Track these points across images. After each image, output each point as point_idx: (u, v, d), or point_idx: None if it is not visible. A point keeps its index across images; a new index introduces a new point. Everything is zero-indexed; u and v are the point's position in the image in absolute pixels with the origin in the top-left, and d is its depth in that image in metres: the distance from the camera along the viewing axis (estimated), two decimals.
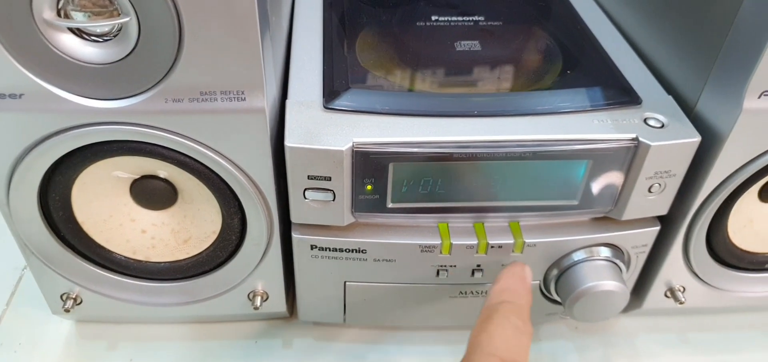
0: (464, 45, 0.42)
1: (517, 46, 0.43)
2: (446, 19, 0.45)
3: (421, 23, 0.45)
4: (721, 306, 0.47)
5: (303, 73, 0.40)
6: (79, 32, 0.30)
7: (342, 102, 0.37)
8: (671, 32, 0.41)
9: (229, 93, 0.32)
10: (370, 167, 0.36)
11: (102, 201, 0.39)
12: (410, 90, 0.39)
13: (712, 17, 0.36)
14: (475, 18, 0.45)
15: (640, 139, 0.36)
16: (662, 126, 0.37)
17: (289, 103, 0.37)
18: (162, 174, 0.38)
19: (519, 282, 0.35)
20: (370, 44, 0.43)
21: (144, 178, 0.38)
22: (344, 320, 0.45)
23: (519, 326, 0.31)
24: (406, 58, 0.41)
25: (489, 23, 0.45)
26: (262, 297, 0.43)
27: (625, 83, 0.40)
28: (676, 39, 0.41)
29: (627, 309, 0.48)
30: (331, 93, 0.37)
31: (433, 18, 0.45)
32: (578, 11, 0.48)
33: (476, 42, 0.43)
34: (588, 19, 0.47)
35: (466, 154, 0.36)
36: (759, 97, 0.34)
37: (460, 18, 0.45)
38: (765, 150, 0.36)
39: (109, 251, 0.41)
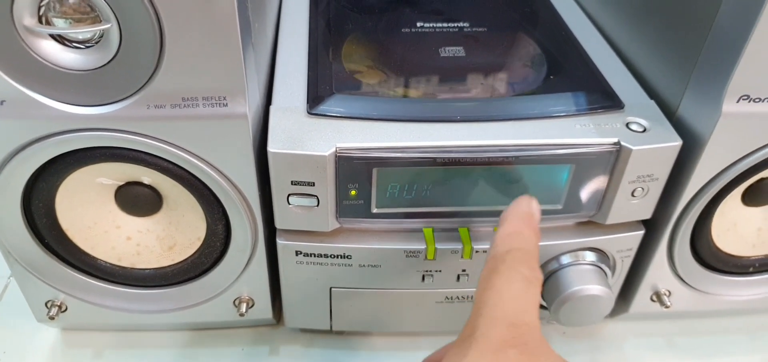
0: (449, 51, 0.42)
1: (501, 52, 0.44)
2: (431, 25, 0.45)
3: (407, 29, 0.45)
4: (707, 309, 0.47)
5: (287, 78, 0.40)
6: (60, 39, 0.30)
7: (326, 107, 0.37)
8: (653, 37, 0.42)
9: (211, 99, 0.32)
10: (353, 172, 0.36)
11: (86, 208, 0.39)
12: (394, 96, 0.39)
13: (691, 22, 0.37)
14: (460, 24, 0.46)
15: (622, 143, 0.36)
16: (644, 130, 0.37)
17: (272, 108, 0.37)
18: (146, 180, 0.38)
19: (526, 223, 0.32)
20: (355, 50, 0.43)
21: (128, 184, 0.38)
22: (331, 326, 0.45)
23: (527, 276, 0.29)
24: (391, 64, 0.42)
25: (474, 29, 0.45)
26: (247, 304, 0.43)
27: (608, 88, 0.40)
28: (657, 43, 0.41)
29: (614, 313, 0.48)
30: (315, 98, 0.38)
31: (418, 24, 0.45)
32: (563, 17, 0.49)
33: (460, 48, 0.43)
34: (573, 25, 0.48)
35: (449, 159, 0.36)
36: (738, 101, 0.34)
37: (445, 24, 0.45)
38: (745, 153, 0.37)
39: (94, 258, 0.41)
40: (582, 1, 0.52)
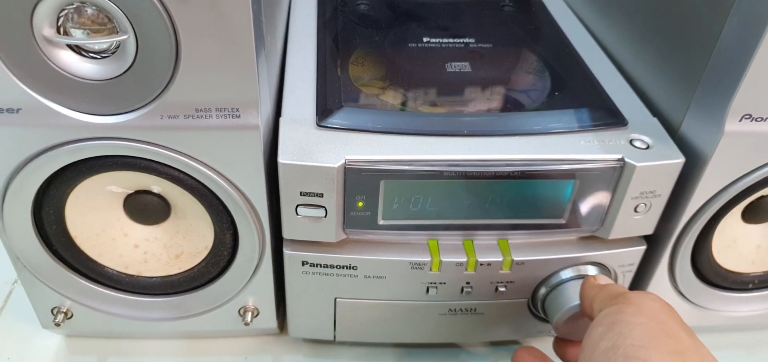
0: (455, 66, 0.43)
1: (507, 68, 0.44)
2: (438, 40, 0.46)
3: (413, 44, 0.46)
4: (706, 325, 0.47)
5: (297, 91, 0.41)
6: (77, 49, 0.30)
7: (335, 120, 0.38)
8: (657, 55, 0.43)
9: (224, 110, 0.33)
10: (361, 184, 0.36)
11: (95, 216, 0.39)
12: (402, 109, 0.40)
13: (694, 42, 0.38)
14: (466, 40, 0.46)
15: (626, 159, 0.37)
16: (647, 147, 0.38)
17: (282, 120, 0.38)
18: (155, 189, 0.38)
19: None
20: (362, 64, 0.44)
21: (137, 193, 0.39)
22: (334, 337, 0.46)
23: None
24: (398, 78, 0.42)
25: (479, 45, 0.46)
26: (252, 313, 0.44)
27: (612, 105, 0.41)
28: (661, 62, 0.42)
29: None
30: (324, 111, 0.38)
31: (425, 39, 0.46)
32: (567, 34, 0.49)
33: (467, 63, 0.44)
34: (576, 42, 0.48)
35: (455, 172, 0.36)
36: (740, 120, 0.35)
37: (451, 40, 0.46)
38: (746, 172, 0.37)
39: (101, 265, 0.41)
40: (586, 19, 0.53)
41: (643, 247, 0.42)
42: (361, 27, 0.48)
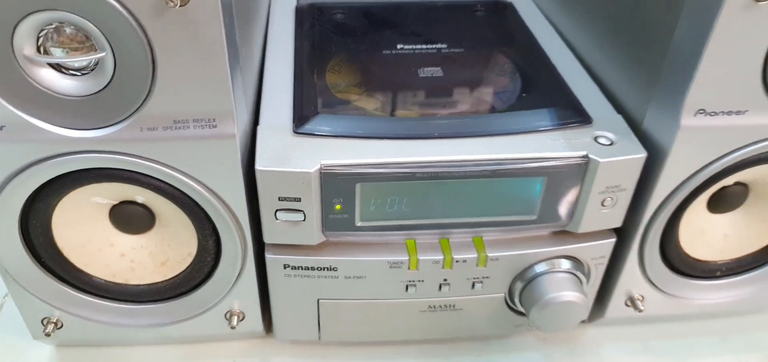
0: (427, 71, 0.45)
1: (477, 72, 0.46)
2: (411, 47, 0.48)
3: (387, 51, 0.47)
4: (680, 313, 0.49)
5: (274, 99, 0.42)
6: (58, 67, 0.32)
7: (311, 126, 0.39)
8: (620, 55, 0.44)
9: (201, 120, 0.34)
10: (338, 187, 0.38)
11: (82, 227, 0.41)
12: (376, 114, 0.41)
13: (652, 42, 0.39)
14: (438, 46, 0.48)
15: (590, 156, 0.38)
16: (611, 143, 0.39)
17: (260, 128, 0.39)
18: (139, 199, 0.40)
19: None
20: (338, 71, 0.45)
21: (122, 203, 0.40)
22: (319, 337, 0.47)
23: None
24: (373, 84, 0.44)
25: (451, 50, 0.47)
26: (238, 317, 0.45)
27: (578, 104, 0.42)
28: (624, 61, 0.44)
29: (591, 318, 0.50)
30: (300, 118, 0.40)
31: (399, 46, 0.48)
32: (537, 37, 0.51)
33: (438, 68, 0.45)
34: (546, 45, 0.50)
35: (427, 173, 0.38)
36: (695, 115, 0.37)
37: (423, 46, 0.48)
38: (705, 164, 0.39)
39: (88, 275, 0.43)
40: (556, 22, 0.55)
41: (613, 240, 0.44)
42: (337, 36, 0.50)
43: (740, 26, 0.33)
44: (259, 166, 0.36)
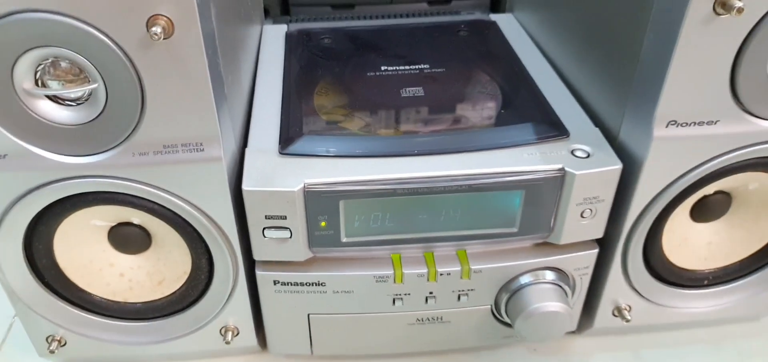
0: (409, 91, 0.46)
1: (458, 90, 0.47)
2: (394, 68, 0.49)
3: (372, 73, 0.49)
4: (668, 322, 0.49)
5: (262, 123, 0.44)
6: (54, 98, 0.34)
7: (296, 147, 0.41)
8: (597, 69, 0.46)
9: (189, 145, 0.36)
10: (322, 205, 0.39)
11: (82, 248, 0.43)
12: (359, 134, 0.43)
13: (624, 56, 0.40)
14: (421, 66, 0.50)
15: (566, 168, 0.39)
16: (588, 156, 0.41)
17: (248, 150, 0.41)
18: (136, 221, 0.42)
19: None
20: (324, 94, 0.47)
21: (120, 225, 0.42)
22: (312, 351, 0.48)
23: None
24: (357, 105, 0.46)
25: (433, 70, 0.49)
26: (233, 333, 0.46)
27: (556, 119, 0.44)
28: (600, 75, 0.45)
29: (580, 329, 0.51)
30: (286, 140, 0.42)
31: (383, 68, 0.50)
32: (519, 55, 0.53)
33: (420, 88, 0.47)
34: (527, 62, 0.51)
35: (407, 189, 0.39)
36: (667, 126, 0.38)
37: (406, 67, 0.49)
38: (680, 174, 0.40)
39: (90, 294, 0.45)
40: (538, 39, 0.56)
41: (596, 251, 0.44)
42: (324, 59, 0.52)
43: (703, 38, 0.34)
44: (246, 186, 0.38)
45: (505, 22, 0.60)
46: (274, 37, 0.58)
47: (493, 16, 0.62)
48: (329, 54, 0.53)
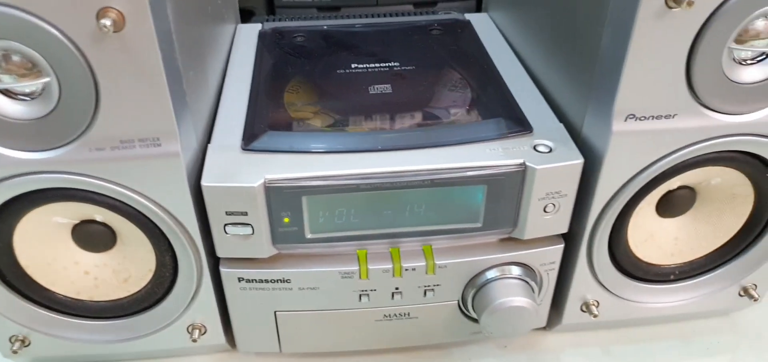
0: (377, 88, 0.47)
1: (426, 88, 0.48)
2: (364, 66, 0.49)
3: (341, 71, 0.49)
4: (636, 317, 0.49)
5: (228, 120, 0.44)
6: (7, 92, 0.34)
7: (259, 143, 0.41)
8: (562, 66, 0.46)
9: (146, 140, 0.36)
10: (284, 201, 0.39)
11: (45, 246, 0.42)
12: (323, 131, 0.43)
13: (585, 51, 0.41)
14: (390, 64, 0.50)
15: (527, 163, 0.40)
16: (550, 151, 0.41)
17: (210, 147, 0.41)
18: (99, 217, 0.42)
19: None
20: (293, 91, 0.47)
21: (84, 222, 0.42)
22: (280, 348, 0.48)
23: None
24: (324, 102, 0.46)
25: (403, 68, 0.49)
26: (200, 331, 0.46)
27: (521, 115, 0.44)
28: (566, 72, 0.45)
29: (550, 325, 0.51)
30: (250, 136, 0.41)
31: (353, 66, 0.50)
32: (490, 54, 0.53)
33: (388, 85, 0.47)
34: (498, 60, 0.52)
35: (370, 184, 0.39)
36: (626, 120, 0.38)
37: (376, 65, 0.50)
38: (641, 168, 0.40)
39: (54, 293, 0.44)
40: (510, 38, 0.57)
41: (561, 246, 0.45)
42: (295, 57, 0.52)
43: (657, 32, 0.34)
44: (205, 181, 0.38)
45: (480, 22, 0.61)
46: (248, 35, 0.58)
47: (468, 16, 0.62)
48: (301, 52, 0.53)
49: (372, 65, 0.50)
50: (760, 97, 0.38)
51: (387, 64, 0.50)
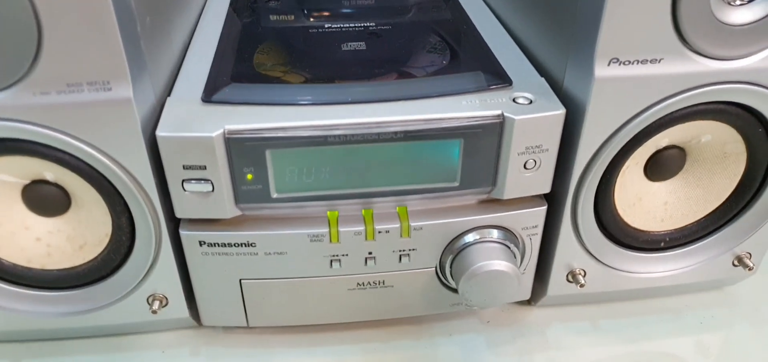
0: (350, 45, 0.44)
1: (401, 45, 0.45)
2: (339, 25, 0.47)
3: (314, 30, 0.47)
4: (624, 288, 0.47)
5: (191, 73, 0.42)
6: None
7: (220, 95, 0.38)
8: (542, 17, 0.44)
9: (95, 83, 0.33)
10: (246, 155, 0.37)
11: None
12: (290, 82, 0.40)
13: None
14: (366, 24, 0.47)
15: (506, 114, 0.37)
16: (530, 103, 0.38)
17: (169, 99, 0.38)
18: (50, 177, 0.39)
19: None
20: (262, 48, 0.45)
21: (35, 183, 0.39)
22: (247, 322, 0.45)
23: None
24: (293, 57, 0.43)
25: (379, 27, 0.47)
26: (161, 302, 0.43)
27: (499, 68, 0.42)
28: (545, 23, 0.43)
29: (535, 298, 0.48)
30: (211, 88, 0.39)
31: (327, 26, 0.47)
32: (467, 12, 0.51)
33: (362, 43, 0.45)
34: (475, 18, 0.50)
35: (339, 137, 0.37)
36: (609, 65, 0.36)
37: (351, 24, 0.47)
38: (626, 120, 0.38)
39: (1, 261, 0.41)
40: None
41: (544, 207, 0.42)
42: (267, 19, 0.49)
43: None
44: (160, 131, 0.35)
45: None
46: None
47: None
48: (275, 11, 0.50)
49: (346, 24, 0.47)
50: (751, 41, 0.36)
51: (362, 24, 0.48)
